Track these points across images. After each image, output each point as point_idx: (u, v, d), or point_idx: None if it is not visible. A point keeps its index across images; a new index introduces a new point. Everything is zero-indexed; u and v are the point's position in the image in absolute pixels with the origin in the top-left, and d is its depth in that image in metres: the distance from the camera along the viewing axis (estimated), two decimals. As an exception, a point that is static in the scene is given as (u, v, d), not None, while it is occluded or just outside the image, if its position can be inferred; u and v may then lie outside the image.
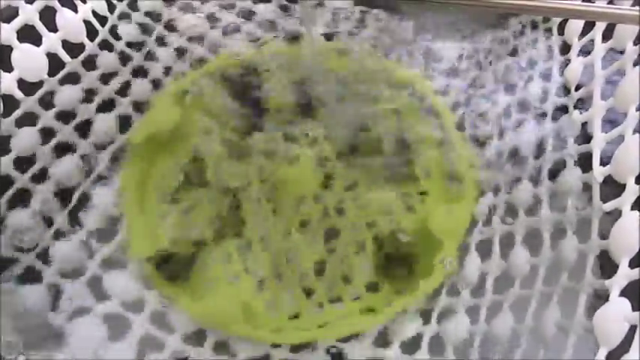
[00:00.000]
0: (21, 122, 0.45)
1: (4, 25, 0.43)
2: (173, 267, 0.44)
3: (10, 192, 0.43)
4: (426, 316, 0.40)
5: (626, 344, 0.29)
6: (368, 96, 0.53)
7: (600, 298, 0.33)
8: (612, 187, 0.37)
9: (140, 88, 0.54)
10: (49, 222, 0.44)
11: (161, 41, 0.58)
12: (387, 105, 0.52)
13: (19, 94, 0.45)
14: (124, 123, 0.51)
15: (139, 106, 0.52)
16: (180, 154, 0.50)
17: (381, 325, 0.40)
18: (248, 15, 0.61)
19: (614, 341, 0.29)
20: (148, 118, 0.51)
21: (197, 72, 0.56)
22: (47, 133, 0.46)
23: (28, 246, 0.42)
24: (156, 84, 0.55)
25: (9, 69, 0.44)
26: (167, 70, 0.56)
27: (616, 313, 0.30)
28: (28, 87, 0.46)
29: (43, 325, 0.39)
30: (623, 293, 0.31)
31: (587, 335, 0.32)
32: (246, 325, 0.40)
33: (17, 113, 0.44)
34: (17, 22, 0.44)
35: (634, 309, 0.30)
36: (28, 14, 0.45)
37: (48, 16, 0.47)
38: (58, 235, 0.43)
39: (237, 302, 0.41)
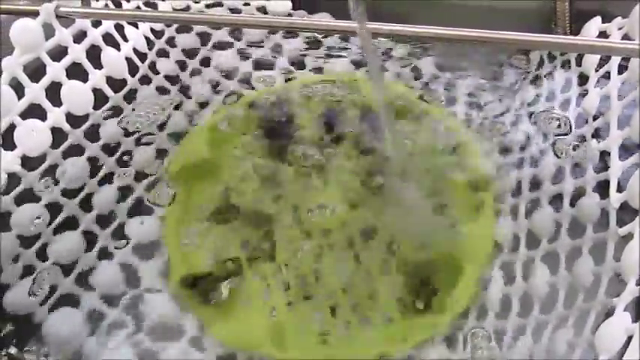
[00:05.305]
0: (69, 154, 0.49)
1: (55, 64, 0.47)
2: (207, 289, 0.46)
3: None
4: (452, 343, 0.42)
5: (623, 354, 0.30)
6: (394, 127, 0.55)
7: (607, 315, 0.34)
8: (629, 213, 0.38)
9: (176, 120, 0.57)
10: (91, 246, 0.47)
11: (196, 75, 0.61)
12: (411, 135, 0.55)
13: (66, 127, 0.48)
14: (162, 155, 0.54)
15: (176, 138, 0.56)
16: (215, 182, 0.53)
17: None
18: (278, 50, 0.64)
19: (612, 350, 0.30)
20: (184, 149, 0.55)
21: (230, 105, 0.59)
22: (93, 164, 0.50)
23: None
24: (190, 117, 0.58)
25: (58, 104, 0.48)
26: (202, 104, 0.59)
27: (617, 326, 0.31)
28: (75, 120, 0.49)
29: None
30: (627, 309, 0.32)
31: (590, 349, 0.33)
32: (274, 347, 0.42)
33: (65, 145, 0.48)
34: (66, 61, 0.48)
35: (634, 322, 0.31)
36: (77, 53, 0.49)
37: (94, 55, 0.50)
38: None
39: (267, 323, 0.43)
